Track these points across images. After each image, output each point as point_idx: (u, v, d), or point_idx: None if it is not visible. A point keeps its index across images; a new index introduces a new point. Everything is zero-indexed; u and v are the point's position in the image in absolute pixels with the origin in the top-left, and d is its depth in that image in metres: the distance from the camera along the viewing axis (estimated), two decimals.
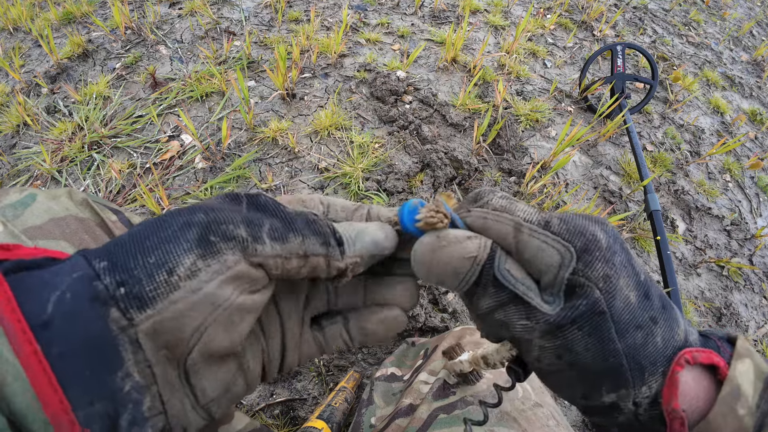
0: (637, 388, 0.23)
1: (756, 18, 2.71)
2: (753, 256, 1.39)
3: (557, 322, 0.23)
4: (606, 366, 0.23)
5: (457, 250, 0.23)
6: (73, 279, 0.18)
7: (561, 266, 0.22)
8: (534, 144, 1.48)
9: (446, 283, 0.24)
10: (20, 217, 0.35)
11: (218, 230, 0.20)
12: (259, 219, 0.22)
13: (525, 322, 0.23)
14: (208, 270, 0.19)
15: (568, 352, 0.23)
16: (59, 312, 0.17)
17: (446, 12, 1.97)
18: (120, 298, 0.18)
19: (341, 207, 0.28)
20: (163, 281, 0.18)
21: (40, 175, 1.19)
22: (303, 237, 0.22)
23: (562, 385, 0.26)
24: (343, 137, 1.34)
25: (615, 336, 0.23)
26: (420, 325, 0.97)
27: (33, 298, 0.17)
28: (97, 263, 0.18)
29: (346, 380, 0.85)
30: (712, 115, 1.85)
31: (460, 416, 0.48)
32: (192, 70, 1.48)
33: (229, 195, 0.23)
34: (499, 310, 0.24)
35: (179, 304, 0.19)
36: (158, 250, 0.19)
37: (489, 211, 0.25)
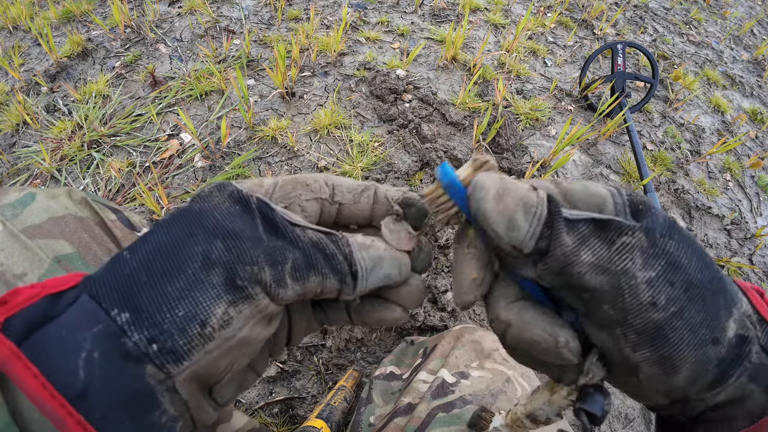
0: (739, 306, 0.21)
1: (757, 17, 2.71)
2: (753, 255, 1.39)
3: (649, 228, 0.20)
4: (711, 275, 0.21)
5: (518, 182, 0.21)
6: (95, 335, 0.17)
7: (617, 194, 0.21)
8: (534, 143, 1.48)
9: (517, 221, 0.20)
10: (19, 217, 0.35)
11: (244, 273, 0.19)
12: (282, 254, 0.21)
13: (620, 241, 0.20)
14: (240, 316, 0.19)
15: (677, 270, 0.20)
16: (92, 376, 0.16)
17: (446, 10, 1.96)
18: (153, 354, 0.17)
19: (347, 188, 0.26)
20: (197, 334, 0.18)
21: (39, 174, 1.19)
22: (323, 277, 0.21)
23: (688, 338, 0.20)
24: (342, 136, 1.34)
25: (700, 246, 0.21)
26: (419, 324, 0.97)
27: (59, 365, 0.16)
28: (116, 314, 0.18)
29: (345, 379, 0.85)
30: (712, 114, 1.85)
31: (458, 415, 0.48)
32: (191, 69, 1.48)
33: (237, 197, 0.22)
34: (585, 248, 0.20)
35: (215, 352, 0.19)
36: (185, 301, 0.18)
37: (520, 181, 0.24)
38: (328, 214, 0.26)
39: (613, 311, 0.20)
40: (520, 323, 0.22)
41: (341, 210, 0.26)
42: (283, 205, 0.24)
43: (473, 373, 0.54)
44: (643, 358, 0.20)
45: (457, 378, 0.54)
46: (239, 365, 0.21)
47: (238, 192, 0.22)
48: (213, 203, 0.21)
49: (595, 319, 0.21)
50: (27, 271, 0.33)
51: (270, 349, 0.27)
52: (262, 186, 0.24)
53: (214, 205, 0.21)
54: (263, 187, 0.24)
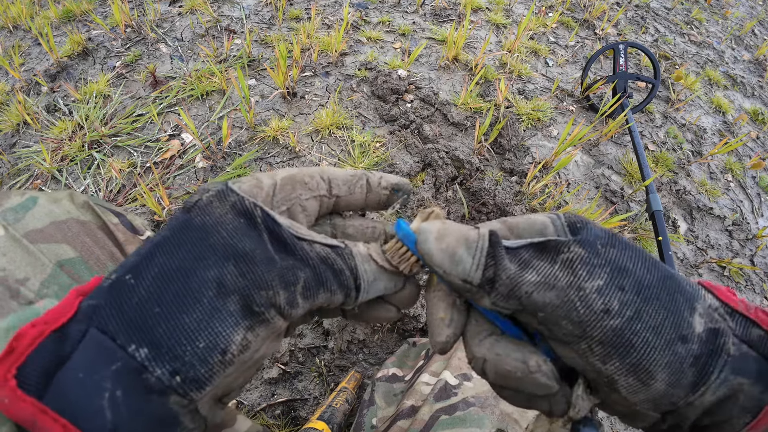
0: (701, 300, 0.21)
1: (758, 17, 2.70)
2: (754, 256, 1.39)
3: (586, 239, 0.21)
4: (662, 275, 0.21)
5: (460, 226, 0.23)
6: (115, 373, 0.17)
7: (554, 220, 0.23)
8: (536, 143, 1.48)
9: (459, 255, 0.22)
10: (21, 221, 0.35)
11: (260, 299, 0.20)
12: (294, 274, 0.21)
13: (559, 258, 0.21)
14: (257, 340, 0.20)
15: (624, 274, 0.20)
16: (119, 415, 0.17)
17: (448, 10, 1.96)
18: (177, 386, 0.18)
19: (342, 181, 0.28)
20: (218, 362, 0.19)
21: (40, 175, 1.19)
22: (331, 293, 0.22)
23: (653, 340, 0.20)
24: (344, 136, 1.34)
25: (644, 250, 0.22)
26: (421, 326, 0.97)
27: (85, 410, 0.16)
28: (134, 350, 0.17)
29: (347, 380, 0.85)
30: (714, 114, 1.85)
31: (461, 417, 0.48)
32: (192, 69, 1.47)
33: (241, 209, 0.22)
34: (529, 270, 0.21)
35: (234, 374, 0.20)
36: (205, 332, 0.18)
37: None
38: (326, 207, 0.28)
39: (571, 325, 0.20)
40: (494, 357, 0.22)
41: (338, 201, 0.28)
42: (285, 207, 0.25)
43: (476, 375, 0.54)
44: (614, 369, 0.20)
45: (459, 380, 0.54)
46: (249, 376, 0.22)
47: (240, 202, 0.22)
48: (215, 217, 0.21)
49: (557, 337, 0.21)
50: (29, 276, 0.32)
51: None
52: (261, 188, 0.24)
53: (218, 219, 0.21)
54: (263, 190, 0.24)
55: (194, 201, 0.22)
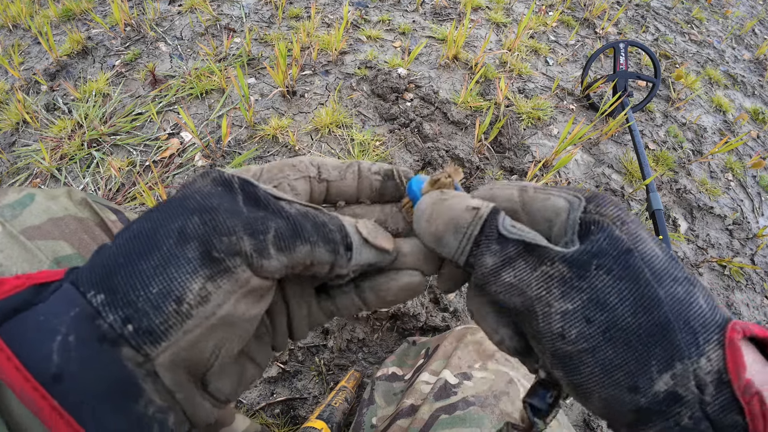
0: (694, 360, 0.18)
1: (758, 16, 2.70)
2: (755, 255, 1.39)
3: (577, 258, 0.19)
4: (650, 322, 0.18)
5: (458, 202, 0.22)
6: (72, 318, 0.16)
7: (570, 209, 0.20)
8: (536, 142, 1.48)
9: (446, 240, 0.22)
10: (18, 218, 0.35)
11: (221, 244, 0.18)
12: (263, 223, 0.19)
13: (540, 269, 0.20)
14: (219, 292, 0.18)
15: (600, 308, 0.18)
16: (67, 360, 0.16)
17: (448, 9, 1.96)
18: (129, 335, 0.17)
19: (332, 167, 0.27)
20: (173, 312, 0.17)
21: (39, 173, 1.19)
22: (311, 246, 0.20)
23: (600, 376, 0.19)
24: (343, 135, 1.34)
25: (651, 280, 0.18)
26: (421, 325, 0.97)
27: (34, 348, 0.16)
28: (92, 296, 0.17)
29: (347, 379, 0.85)
30: (714, 113, 1.85)
31: (461, 417, 0.47)
32: (192, 67, 1.47)
33: (220, 180, 0.21)
34: (507, 269, 0.20)
35: (195, 332, 0.18)
36: (159, 277, 0.17)
37: (496, 184, 0.24)
38: (318, 193, 0.26)
39: (530, 330, 0.21)
40: (478, 315, 0.24)
41: (329, 187, 0.26)
42: (272, 185, 0.24)
43: (476, 374, 0.54)
44: (558, 376, 0.21)
45: (459, 379, 0.54)
46: (228, 349, 0.20)
47: (221, 175, 0.21)
48: (195, 187, 0.21)
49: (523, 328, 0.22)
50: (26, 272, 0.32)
51: (271, 339, 0.26)
52: (248, 171, 0.24)
53: (196, 188, 0.21)
54: (249, 171, 0.24)
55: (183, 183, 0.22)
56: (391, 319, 0.98)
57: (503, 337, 0.23)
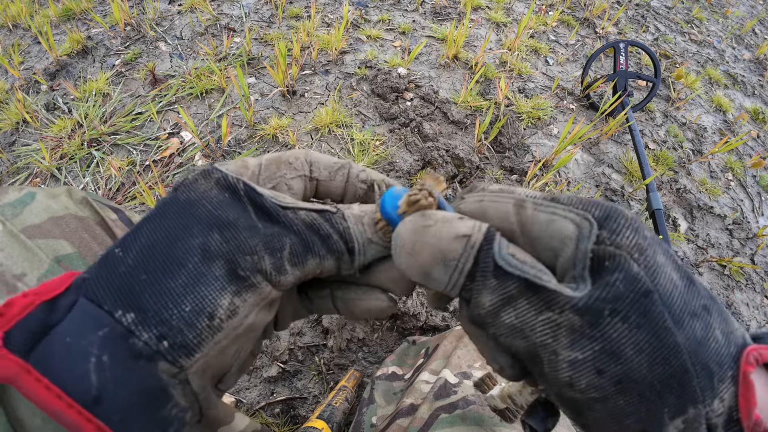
0: (708, 403, 0.17)
1: (758, 16, 2.70)
2: (755, 255, 1.39)
3: (590, 306, 0.17)
4: (667, 374, 0.17)
5: (445, 229, 0.19)
6: (102, 338, 0.17)
7: (580, 237, 0.17)
8: (536, 142, 1.48)
9: (434, 276, 0.19)
10: (19, 216, 0.35)
11: (245, 263, 0.19)
12: (279, 240, 0.20)
13: (546, 314, 0.17)
14: (245, 305, 0.19)
15: (613, 359, 0.17)
16: (105, 380, 0.16)
17: (448, 9, 1.96)
18: (165, 351, 0.17)
19: (324, 165, 0.27)
20: (206, 326, 0.18)
21: (39, 173, 1.19)
22: (320, 259, 0.22)
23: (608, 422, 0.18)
24: (343, 135, 1.34)
25: (672, 326, 0.17)
26: (421, 324, 0.97)
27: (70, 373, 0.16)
28: (121, 315, 0.17)
29: (347, 379, 0.85)
30: (714, 113, 1.85)
31: (461, 416, 0.47)
32: (192, 67, 1.47)
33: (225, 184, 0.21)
34: (507, 310, 0.18)
35: (223, 342, 0.19)
36: (191, 295, 0.18)
37: (485, 194, 0.21)
38: (309, 190, 0.27)
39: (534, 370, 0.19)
40: (473, 339, 0.22)
41: (318, 185, 0.27)
42: (270, 185, 0.24)
43: (476, 374, 0.54)
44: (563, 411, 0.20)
45: (459, 378, 0.54)
46: (245, 352, 0.22)
47: (224, 178, 0.22)
48: (200, 192, 0.21)
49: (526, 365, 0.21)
50: (26, 271, 0.32)
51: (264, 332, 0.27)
52: (247, 168, 0.24)
53: (202, 193, 0.21)
54: (249, 169, 0.24)
55: (180, 181, 0.22)
56: (391, 319, 0.98)
57: (502, 365, 0.21)
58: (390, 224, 0.22)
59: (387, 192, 0.22)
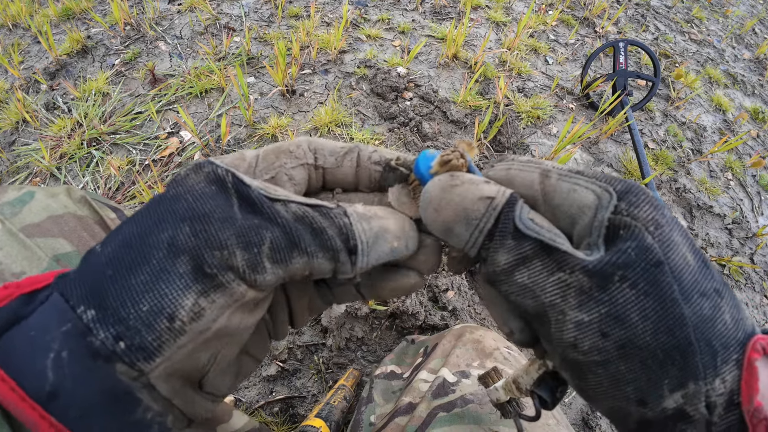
0: (709, 381, 0.17)
1: (758, 16, 2.70)
2: (754, 254, 1.39)
3: (600, 269, 0.17)
4: (670, 344, 0.17)
5: (471, 190, 0.20)
6: (63, 334, 0.16)
7: (599, 207, 0.18)
8: (535, 141, 1.48)
9: (456, 232, 0.20)
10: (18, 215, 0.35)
11: (212, 259, 0.17)
12: (257, 234, 0.18)
13: (558, 275, 0.18)
14: (212, 307, 0.18)
15: (618, 323, 0.17)
16: (62, 377, 0.16)
17: (447, 8, 1.96)
18: (122, 352, 0.16)
19: (329, 151, 0.25)
20: (165, 329, 0.17)
21: (39, 172, 1.19)
22: (309, 256, 0.19)
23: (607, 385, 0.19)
24: (343, 134, 1.34)
25: (680, 297, 0.17)
26: (420, 323, 0.97)
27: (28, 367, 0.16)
28: (83, 311, 0.17)
29: (346, 378, 0.85)
30: (714, 112, 1.85)
31: (459, 414, 0.48)
32: (191, 66, 1.47)
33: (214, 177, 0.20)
34: (521, 269, 0.19)
35: (189, 346, 0.18)
36: (150, 294, 0.17)
37: (513, 163, 0.21)
38: (315, 180, 0.25)
39: (541, 331, 0.20)
40: (487, 302, 0.23)
41: (325, 174, 0.25)
42: (268, 175, 0.23)
43: (474, 373, 0.54)
44: (566, 377, 0.21)
45: (458, 377, 0.54)
46: (225, 356, 0.20)
47: (214, 171, 0.20)
48: (187, 186, 0.19)
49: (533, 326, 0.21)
50: (25, 270, 0.32)
51: (270, 331, 0.25)
52: (244, 159, 0.23)
53: (189, 187, 0.19)
54: (245, 161, 0.23)
55: (174, 176, 0.21)
56: (390, 318, 0.99)
57: (513, 329, 0.22)
58: (422, 184, 0.22)
59: (421, 153, 0.22)
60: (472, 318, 1.03)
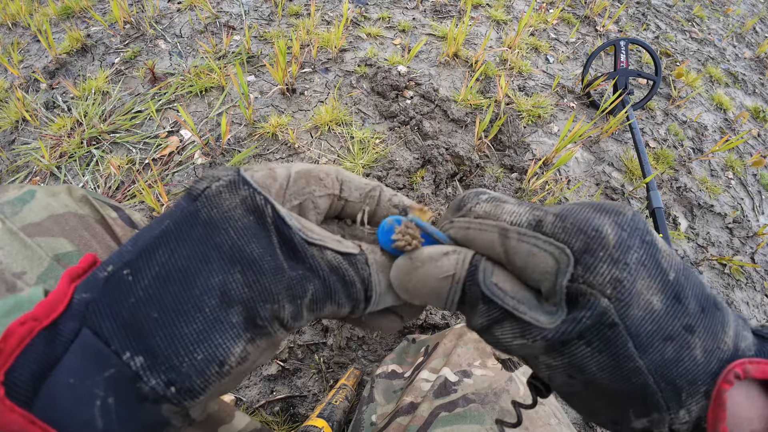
0: (673, 412, 0.19)
1: (759, 15, 2.69)
2: (755, 254, 1.39)
3: (558, 338, 0.19)
4: (629, 386, 0.19)
5: (431, 271, 0.21)
6: (107, 380, 0.16)
7: (558, 272, 0.19)
8: (536, 140, 1.48)
9: (432, 303, 0.23)
10: (19, 214, 0.35)
11: (264, 312, 0.19)
12: (302, 286, 0.20)
13: (521, 341, 0.20)
14: (257, 351, 0.19)
15: (579, 371, 0.20)
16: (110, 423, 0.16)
17: (448, 6, 1.95)
18: (171, 396, 0.17)
19: (356, 186, 0.26)
20: (215, 373, 0.18)
21: (38, 171, 1.19)
22: (339, 306, 0.21)
23: (585, 408, 0.22)
24: (343, 133, 1.34)
25: (634, 352, 0.19)
26: (421, 322, 0.97)
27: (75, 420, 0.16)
28: (129, 357, 0.17)
29: (347, 377, 0.85)
30: (715, 111, 1.84)
31: (461, 414, 0.47)
32: (191, 65, 1.47)
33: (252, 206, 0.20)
34: (495, 327, 0.21)
35: (229, 384, 0.19)
36: (204, 344, 0.18)
37: (471, 220, 0.22)
38: (335, 209, 0.26)
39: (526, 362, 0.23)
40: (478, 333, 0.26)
41: (345, 206, 0.26)
42: (297, 201, 0.23)
43: (476, 372, 0.54)
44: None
45: (459, 377, 0.54)
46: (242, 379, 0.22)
47: (251, 197, 0.20)
48: (224, 211, 0.19)
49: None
50: (26, 269, 0.32)
51: None
52: (275, 179, 0.23)
53: (225, 214, 0.19)
54: (277, 181, 0.23)
55: (202, 189, 0.20)
56: None
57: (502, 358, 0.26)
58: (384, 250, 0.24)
59: (380, 227, 0.24)
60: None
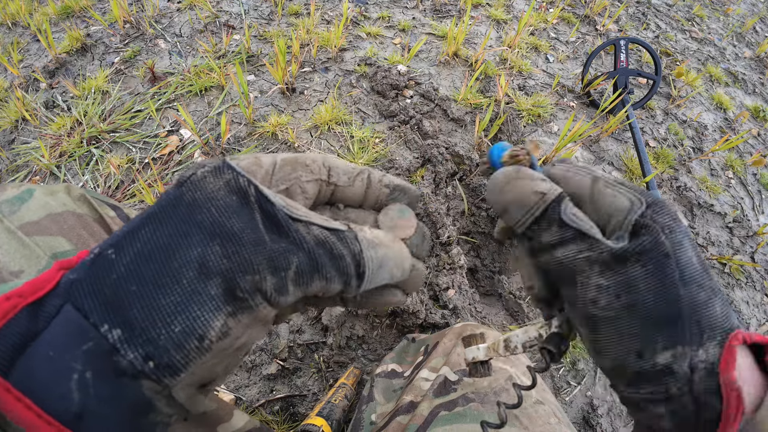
0: (694, 348, 0.22)
1: (759, 14, 2.69)
2: (755, 253, 1.39)
3: (621, 252, 0.22)
4: (666, 312, 0.22)
5: (529, 184, 0.25)
6: (85, 353, 0.16)
7: (630, 210, 0.23)
8: (536, 139, 1.47)
9: (511, 213, 0.26)
10: (17, 213, 0.35)
11: (245, 284, 0.18)
12: (285, 258, 0.19)
13: (587, 253, 0.23)
14: (238, 326, 0.19)
15: (629, 290, 0.22)
16: (87, 397, 0.16)
17: (448, 5, 1.95)
18: (150, 371, 0.17)
19: (343, 170, 0.26)
20: (194, 348, 0.17)
21: (38, 171, 1.19)
22: (327, 281, 0.20)
23: (614, 337, 0.23)
24: (343, 132, 1.33)
25: (678, 281, 0.22)
26: (420, 322, 0.97)
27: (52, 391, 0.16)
28: (107, 330, 0.16)
29: (346, 376, 0.85)
30: (715, 111, 1.84)
31: (461, 413, 0.47)
32: (191, 65, 1.47)
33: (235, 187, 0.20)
34: (559, 247, 0.24)
35: (213, 360, 0.19)
36: (182, 315, 0.17)
37: (571, 166, 0.27)
38: (324, 195, 0.26)
39: (567, 292, 0.25)
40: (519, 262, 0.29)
41: (335, 191, 0.26)
42: (284, 186, 0.24)
43: None
44: (582, 332, 0.26)
45: (459, 376, 0.54)
46: (233, 364, 0.21)
47: (235, 180, 0.20)
48: (207, 192, 0.19)
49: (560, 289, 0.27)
50: (24, 268, 0.32)
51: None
52: (261, 165, 0.23)
53: (209, 194, 0.19)
54: (262, 168, 0.23)
55: (188, 176, 0.20)
56: (391, 317, 0.98)
57: (535, 285, 0.28)
58: (491, 168, 0.29)
59: (495, 144, 0.29)
60: (472, 316, 1.03)
